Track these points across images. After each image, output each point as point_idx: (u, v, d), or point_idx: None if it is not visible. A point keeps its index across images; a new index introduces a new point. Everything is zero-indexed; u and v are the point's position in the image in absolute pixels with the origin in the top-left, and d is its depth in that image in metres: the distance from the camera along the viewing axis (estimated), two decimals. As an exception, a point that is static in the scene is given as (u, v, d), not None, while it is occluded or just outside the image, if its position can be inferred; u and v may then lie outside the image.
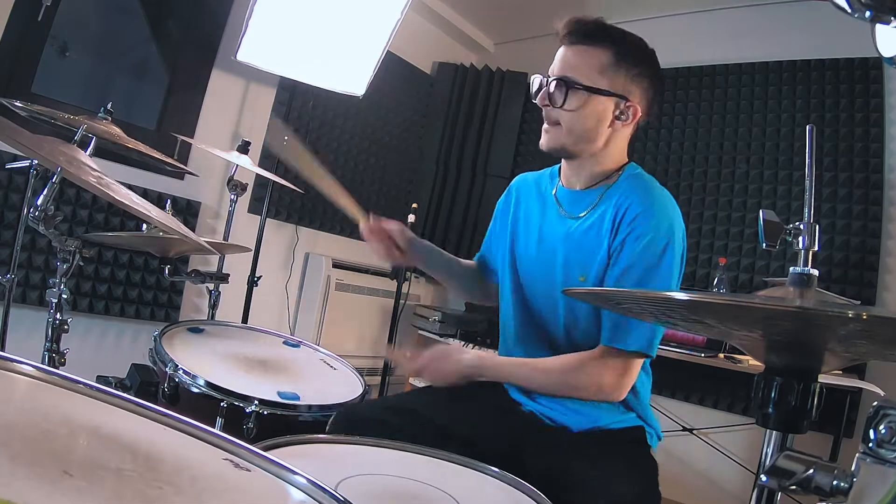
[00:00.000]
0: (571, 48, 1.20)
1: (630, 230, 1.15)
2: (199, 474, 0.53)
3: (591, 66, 1.18)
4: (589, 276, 1.20)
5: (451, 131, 3.83)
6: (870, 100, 2.60)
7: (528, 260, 1.31)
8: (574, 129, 1.20)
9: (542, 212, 1.33)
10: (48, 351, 1.22)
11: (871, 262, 2.53)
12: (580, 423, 1.23)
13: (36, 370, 0.59)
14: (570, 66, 1.19)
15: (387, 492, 0.86)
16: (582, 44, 1.19)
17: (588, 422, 1.23)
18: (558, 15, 1.21)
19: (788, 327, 0.57)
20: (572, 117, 1.19)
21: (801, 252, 0.76)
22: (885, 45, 0.91)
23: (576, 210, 1.27)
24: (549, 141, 1.24)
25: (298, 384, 1.37)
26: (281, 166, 2.91)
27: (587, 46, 1.19)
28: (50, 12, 2.27)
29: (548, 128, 1.24)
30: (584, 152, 1.24)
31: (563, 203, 1.30)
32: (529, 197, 1.38)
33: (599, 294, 0.93)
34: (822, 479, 0.54)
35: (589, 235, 1.22)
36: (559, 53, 1.22)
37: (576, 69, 1.18)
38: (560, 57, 1.22)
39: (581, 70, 1.18)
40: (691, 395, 2.83)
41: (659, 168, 3.08)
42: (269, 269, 3.05)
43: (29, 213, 1.10)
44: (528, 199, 1.38)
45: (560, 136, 1.22)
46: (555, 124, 1.22)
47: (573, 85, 1.18)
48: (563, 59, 1.21)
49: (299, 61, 2.68)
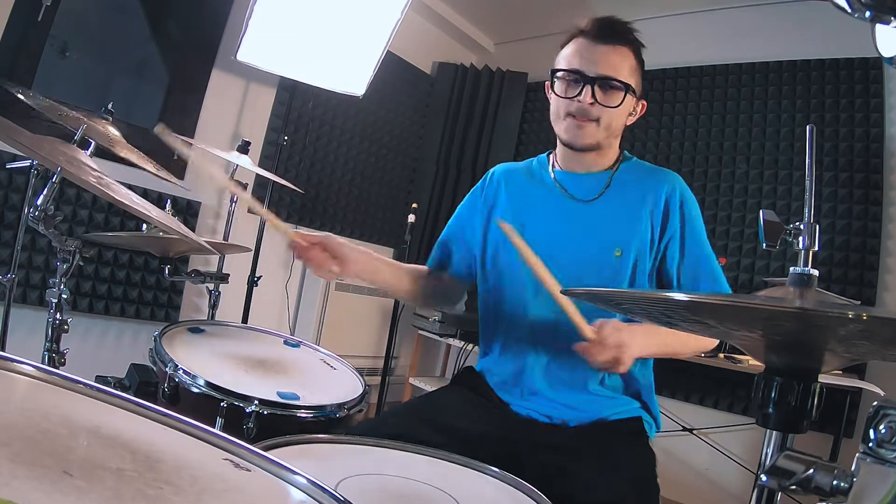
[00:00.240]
0: (606, 47, 1.22)
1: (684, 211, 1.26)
2: (199, 474, 0.53)
3: (627, 66, 1.24)
4: (628, 251, 1.24)
5: (451, 131, 3.83)
6: (870, 100, 2.60)
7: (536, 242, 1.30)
8: (611, 125, 1.25)
9: (545, 195, 1.33)
10: (48, 351, 1.22)
11: (871, 262, 2.53)
12: (580, 417, 1.23)
13: (36, 370, 0.59)
14: (612, 66, 1.22)
15: (387, 492, 0.86)
16: (615, 43, 1.23)
17: (587, 416, 1.23)
18: (565, 14, 1.24)
19: (788, 328, 0.57)
20: (612, 114, 1.24)
21: (802, 252, 0.76)
22: (885, 45, 0.91)
23: (585, 193, 1.30)
24: (586, 137, 1.25)
25: (298, 384, 1.37)
26: (281, 166, 2.92)
27: (620, 46, 1.23)
28: (50, 12, 2.27)
29: (583, 124, 1.24)
30: (606, 145, 1.29)
31: (567, 185, 1.32)
32: (521, 183, 1.38)
33: (599, 294, 0.93)
34: (822, 479, 0.54)
35: (621, 214, 1.26)
36: (588, 49, 1.23)
37: (616, 68, 1.22)
38: (594, 53, 1.23)
39: (620, 69, 1.23)
40: (691, 395, 2.83)
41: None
42: (269, 269, 3.04)
43: (29, 213, 1.10)
44: (520, 184, 1.38)
45: (598, 132, 1.25)
46: (594, 121, 1.24)
47: (619, 84, 1.22)
48: (602, 58, 1.22)
49: (299, 61, 2.68)
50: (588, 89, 1.21)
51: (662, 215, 1.26)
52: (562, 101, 1.25)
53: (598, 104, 1.22)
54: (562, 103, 1.25)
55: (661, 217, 1.26)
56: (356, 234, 3.54)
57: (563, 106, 1.25)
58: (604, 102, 1.22)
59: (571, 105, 1.23)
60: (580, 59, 1.23)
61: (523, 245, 1.09)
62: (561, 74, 1.25)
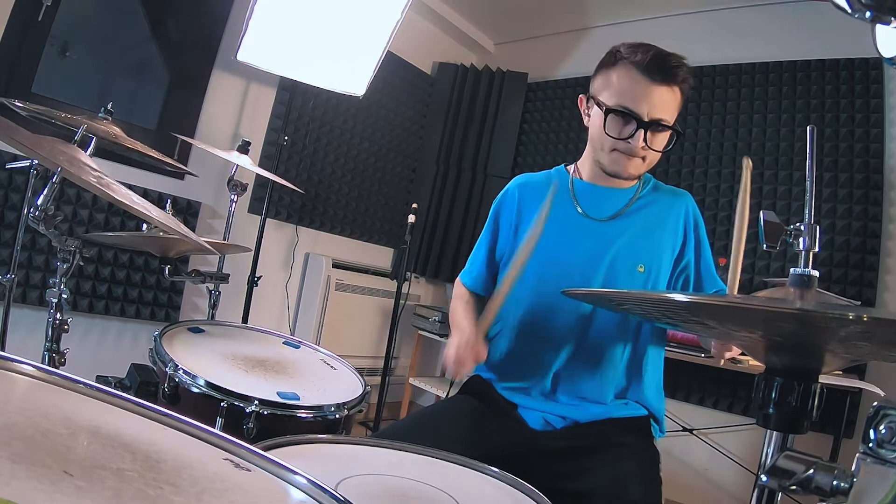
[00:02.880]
0: (662, 87, 1.20)
1: (698, 233, 1.34)
2: (199, 474, 0.53)
3: (676, 108, 1.24)
4: (651, 267, 1.28)
5: (451, 131, 3.83)
6: (870, 100, 2.60)
7: (559, 256, 1.31)
8: (652, 162, 1.28)
9: (562, 211, 1.34)
10: (48, 351, 1.22)
11: (871, 262, 2.53)
12: (586, 415, 1.25)
13: (36, 370, 0.59)
14: (666, 109, 1.22)
15: (387, 492, 0.86)
16: (671, 83, 1.21)
17: (592, 415, 1.25)
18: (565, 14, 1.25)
19: (789, 329, 0.57)
20: (656, 154, 1.26)
21: (802, 253, 0.76)
22: (885, 45, 0.91)
23: (603, 211, 1.33)
24: (630, 171, 1.28)
25: (298, 384, 1.37)
26: (281, 166, 2.92)
27: (675, 86, 1.22)
28: (50, 12, 2.27)
29: (631, 158, 1.25)
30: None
31: (587, 201, 1.34)
32: (539, 198, 1.37)
33: (599, 294, 0.94)
34: (823, 479, 0.54)
35: (643, 233, 1.29)
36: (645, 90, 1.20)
37: (670, 111, 1.22)
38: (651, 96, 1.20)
39: (670, 111, 1.23)
40: (691, 396, 2.83)
41: (659, 168, 3.05)
42: (269, 269, 3.05)
43: (29, 212, 1.09)
44: (538, 199, 1.37)
45: (642, 167, 1.28)
46: (640, 157, 1.25)
47: (666, 128, 1.23)
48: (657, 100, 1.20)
49: (299, 61, 2.67)
50: (641, 133, 1.20)
51: (682, 237, 1.32)
52: (609, 136, 1.23)
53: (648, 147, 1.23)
54: (608, 138, 1.24)
55: (681, 239, 1.32)
56: (356, 234, 3.54)
57: (611, 142, 1.24)
58: (653, 146, 1.23)
59: (619, 143, 1.23)
60: (634, 98, 1.20)
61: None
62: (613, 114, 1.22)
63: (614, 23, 3.45)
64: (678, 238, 1.32)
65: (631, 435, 1.24)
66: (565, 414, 1.26)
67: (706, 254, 1.34)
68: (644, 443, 1.25)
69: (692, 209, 1.35)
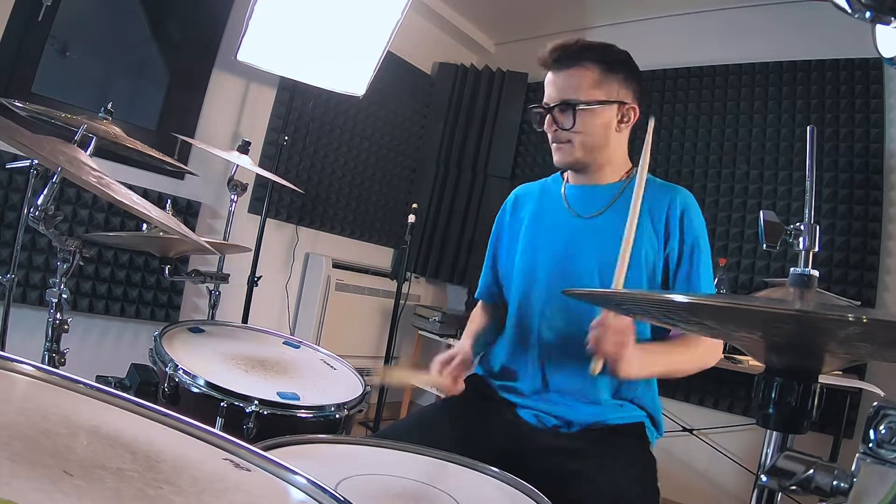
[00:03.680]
0: (562, 73, 1.29)
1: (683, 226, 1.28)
2: (199, 474, 0.53)
3: (586, 83, 1.27)
4: (636, 263, 1.26)
5: (451, 131, 3.83)
6: (870, 100, 2.60)
7: (547, 255, 1.35)
8: (585, 143, 1.29)
9: (553, 213, 1.38)
10: (48, 351, 1.22)
11: (871, 262, 2.53)
12: (583, 419, 1.24)
13: (36, 370, 0.59)
14: (566, 89, 1.28)
15: (387, 492, 0.86)
16: (571, 67, 1.28)
17: (588, 416, 1.25)
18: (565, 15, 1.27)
19: (789, 329, 0.57)
20: (581, 134, 1.28)
21: (802, 253, 0.76)
22: (885, 45, 0.91)
23: (588, 208, 1.34)
24: (563, 157, 1.33)
25: (298, 384, 1.37)
26: (282, 166, 2.92)
27: (576, 68, 1.28)
28: (50, 12, 2.27)
29: (559, 146, 1.32)
30: (596, 160, 1.33)
31: (575, 200, 1.37)
32: (533, 205, 1.44)
33: (599, 294, 0.94)
34: (823, 480, 0.54)
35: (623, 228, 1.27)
36: (550, 80, 1.32)
37: (573, 90, 1.27)
38: (553, 83, 1.31)
39: (578, 89, 1.27)
40: (691, 396, 2.83)
41: (659, 168, 3.08)
42: (269, 269, 3.05)
43: (29, 212, 1.09)
44: (533, 206, 1.44)
45: (573, 151, 1.31)
46: (566, 143, 1.30)
47: (575, 105, 1.26)
48: (557, 84, 1.30)
49: (299, 61, 2.67)
50: (549, 118, 1.30)
51: (665, 230, 1.29)
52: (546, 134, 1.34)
53: (560, 129, 1.28)
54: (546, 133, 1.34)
55: (663, 231, 1.29)
56: (356, 234, 3.54)
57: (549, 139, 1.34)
58: (563, 126, 1.28)
59: (549, 137, 1.33)
60: (545, 93, 1.32)
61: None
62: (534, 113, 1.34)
63: (614, 23, 3.45)
64: (660, 232, 1.29)
65: (626, 445, 1.23)
66: (559, 413, 1.26)
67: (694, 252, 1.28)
68: (640, 453, 1.24)
69: (681, 202, 1.29)
